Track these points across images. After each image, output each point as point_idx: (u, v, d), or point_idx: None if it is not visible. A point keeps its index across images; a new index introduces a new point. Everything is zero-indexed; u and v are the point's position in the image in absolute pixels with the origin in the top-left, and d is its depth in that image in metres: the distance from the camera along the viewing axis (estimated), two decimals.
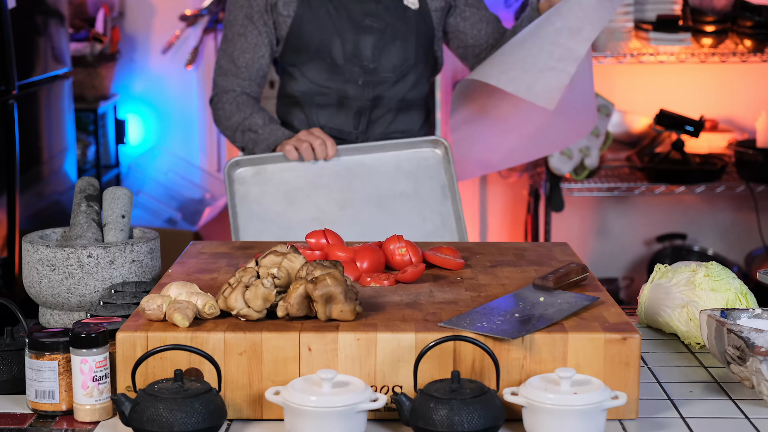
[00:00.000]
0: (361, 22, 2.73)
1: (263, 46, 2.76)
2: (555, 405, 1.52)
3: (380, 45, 2.73)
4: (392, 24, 2.73)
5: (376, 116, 2.79)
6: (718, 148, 4.71)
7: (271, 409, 1.62)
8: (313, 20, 2.72)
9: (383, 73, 2.75)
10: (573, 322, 1.67)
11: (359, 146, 2.69)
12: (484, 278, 1.94)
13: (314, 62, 2.75)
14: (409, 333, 1.62)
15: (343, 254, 1.98)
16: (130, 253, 1.98)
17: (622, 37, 4.48)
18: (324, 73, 2.75)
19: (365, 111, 2.78)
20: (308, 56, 2.75)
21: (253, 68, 2.78)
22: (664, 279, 2.04)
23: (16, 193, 3.71)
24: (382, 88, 2.76)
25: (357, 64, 2.74)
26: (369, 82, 2.75)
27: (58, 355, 1.65)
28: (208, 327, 1.64)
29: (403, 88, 2.78)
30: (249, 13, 2.74)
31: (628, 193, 4.62)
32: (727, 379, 1.81)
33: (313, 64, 2.75)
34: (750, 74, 4.80)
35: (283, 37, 2.75)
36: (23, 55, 3.86)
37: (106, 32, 5.02)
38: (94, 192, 2.10)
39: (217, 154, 5.46)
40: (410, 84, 2.79)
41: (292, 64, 2.78)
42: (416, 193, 2.66)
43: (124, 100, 5.30)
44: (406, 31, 2.75)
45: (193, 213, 5.19)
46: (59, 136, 4.25)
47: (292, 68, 2.79)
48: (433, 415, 1.51)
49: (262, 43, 2.76)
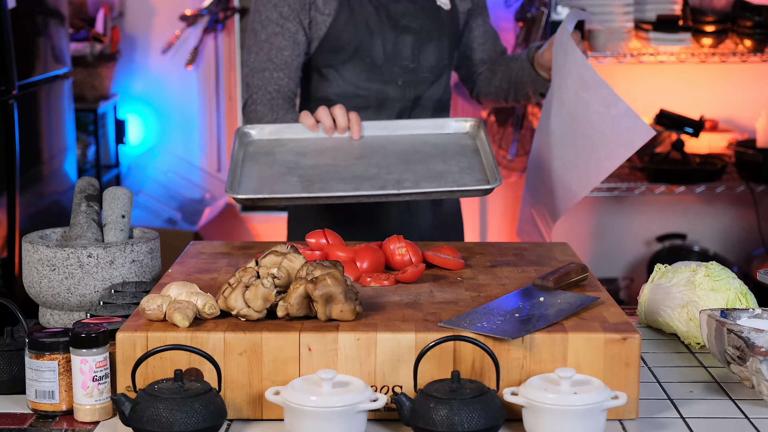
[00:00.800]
0: (400, 21, 2.66)
1: (301, 44, 2.65)
2: (555, 405, 1.52)
3: (418, 45, 2.68)
4: (427, 24, 2.68)
5: (415, 117, 2.70)
6: (718, 148, 4.71)
7: (271, 409, 1.62)
8: (353, 19, 2.64)
9: (422, 73, 2.69)
10: (573, 322, 1.67)
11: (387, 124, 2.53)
12: (484, 278, 1.94)
13: (353, 62, 2.66)
14: (409, 333, 1.62)
15: (343, 254, 1.98)
16: (130, 253, 1.98)
17: (622, 37, 4.48)
18: (363, 73, 2.66)
19: (405, 112, 2.70)
20: (347, 56, 2.65)
21: (292, 66, 2.65)
22: (664, 279, 2.04)
23: (16, 193, 3.71)
24: (422, 89, 2.70)
25: (397, 64, 2.67)
26: (409, 83, 2.69)
27: (58, 355, 1.65)
28: (208, 327, 1.64)
29: (438, 89, 2.73)
30: (284, 12, 2.63)
31: (627, 193, 4.62)
32: (727, 379, 1.81)
33: (352, 65, 2.66)
34: (750, 74, 4.80)
35: (320, 37, 2.65)
36: (23, 55, 3.86)
37: (106, 32, 5.02)
38: (94, 192, 2.10)
39: (217, 154, 5.46)
40: (444, 84, 2.75)
41: (327, 65, 2.68)
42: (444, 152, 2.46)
43: (124, 100, 5.30)
44: (440, 31, 2.70)
45: (193, 213, 5.19)
46: (59, 136, 4.25)
47: (326, 69, 2.68)
48: (433, 415, 1.51)
49: (300, 41, 2.64)
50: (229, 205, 5.45)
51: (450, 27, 2.73)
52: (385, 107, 2.69)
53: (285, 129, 2.51)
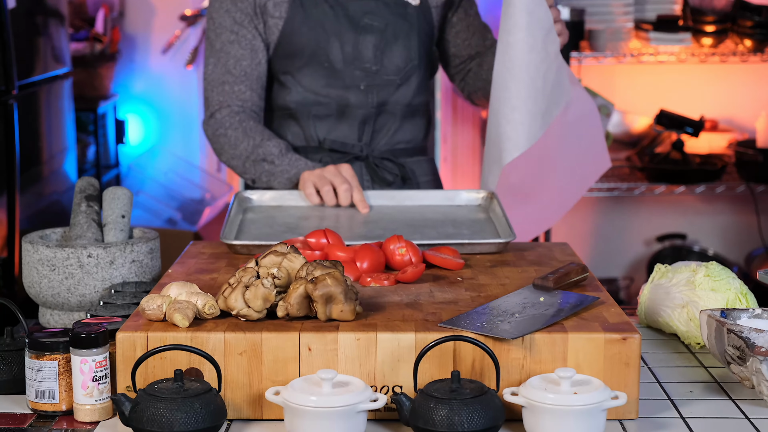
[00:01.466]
0: (360, 21, 2.50)
1: (260, 51, 2.49)
2: (555, 405, 1.52)
3: (381, 45, 2.51)
4: (393, 22, 2.52)
5: (381, 125, 2.56)
6: (718, 148, 4.71)
7: (271, 409, 1.62)
8: (307, 21, 2.48)
9: (386, 76, 2.53)
10: (573, 322, 1.67)
11: (394, 194, 2.40)
12: (484, 278, 1.94)
13: (310, 68, 2.50)
14: (409, 333, 1.62)
15: (343, 254, 1.98)
16: (130, 253, 1.98)
17: (622, 37, 4.48)
18: (321, 79, 2.51)
19: (370, 119, 2.54)
20: (303, 61, 2.50)
21: (252, 76, 2.49)
22: (664, 279, 2.04)
23: (16, 193, 3.71)
24: (387, 93, 2.54)
25: (358, 67, 2.51)
26: (372, 87, 2.52)
27: (58, 355, 1.65)
28: (208, 327, 1.64)
29: (407, 92, 2.56)
30: (238, 18, 2.48)
31: (628, 193, 4.62)
32: (727, 379, 1.81)
33: (309, 70, 2.50)
34: (750, 74, 4.80)
35: (274, 42, 2.50)
36: (23, 55, 3.86)
37: (106, 32, 5.02)
38: (94, 192, 2.10)
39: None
40: (414, 87, 2.56)
41: (284, 71, 2.53)
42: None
43: (124, 100, 5.30)
44: (407, 29, 2.53)
45: (193, 213, 5.20)
46: (59, 136, 4.25)
47: (284, 76, 2.53)
48: (433, 415, 1.51)
49: (258, 47, 2.49)
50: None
51: (420, 24, 2.56)
52: (346, 114, 2.54)
53: (286, 195, 2.40)
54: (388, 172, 2.59)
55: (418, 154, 2.68)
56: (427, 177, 2.69)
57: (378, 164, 2.59)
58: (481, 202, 2.39)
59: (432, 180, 2.71)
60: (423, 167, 2.68)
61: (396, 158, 2.62)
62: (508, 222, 2.18)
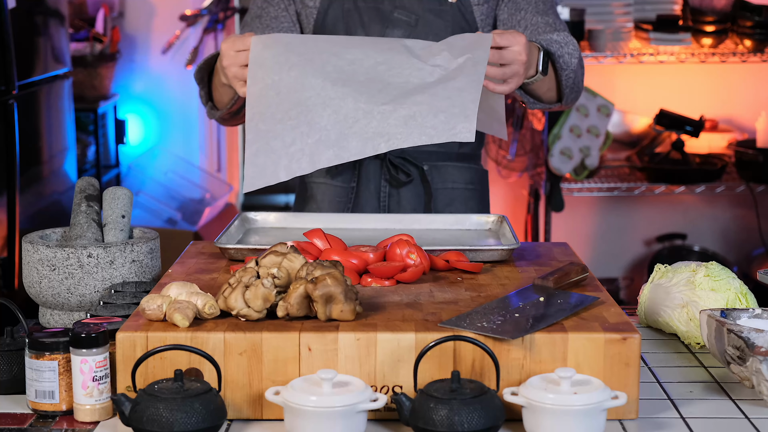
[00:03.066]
0: (390, 14, 2.45)
1: (287, 23, 2.45)
2: (555, 405, 1.52)
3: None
4: (424, 17, 2.44)
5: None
6: (718, 148, 4.72)
7: (271, 409, 1.62)
8: (338, 12, 2.45)
9: None
10: (573, 322, 1.67)
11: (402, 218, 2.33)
12: (484, 278, 1.94)
13: None
14: (409, 333, 1.62)
15: (356, 261, 1.95)
16: (130, 253, 1.98)
17: (622, 37, 4.48)
18: None
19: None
20: None
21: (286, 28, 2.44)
22: (664, 279, 2.04)
23: (16, 193, 3.71)
24: None
25: None
26: None
27: (58, 355, 1.65)
28: (208, 327, 1.64)
29: None
30: (274, 1, 2.47)
31: (628, 193, 4.62)
32: (727, 379, 1.81)
33: None
34: (750, 74, 4.80)
35: (309, 32, 2.46)
36: (23, 55, 3.86)
37: (106, 32, 5.02)
38: (94, 192, 2.10)
39: (217, 154, 5.46)
40: None
41: None
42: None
43: (124, 100, 5.30)
44: (440, 26, 2.43)
45: (193, 213, 5.20)
46: (59, 136, 4.25)
47: None
48: (433, 415, 1.51)
49: (286, 20, 2.45)
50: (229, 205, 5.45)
51: (457, 22, 2.47)
52: None
53: (290, 218, 2.33)
54: (404, 173, 2.54)
55: (453, 160, 2.56)
56: (458, 185, 2.57)
57: (395, 163, 2.52)
58: (491, 226, 2.32)
59: (464, 189, 2.58)
60: (453, 174, 2.56)
61: (417, 161, 2.53)
62: (515, 236, 2.15)
